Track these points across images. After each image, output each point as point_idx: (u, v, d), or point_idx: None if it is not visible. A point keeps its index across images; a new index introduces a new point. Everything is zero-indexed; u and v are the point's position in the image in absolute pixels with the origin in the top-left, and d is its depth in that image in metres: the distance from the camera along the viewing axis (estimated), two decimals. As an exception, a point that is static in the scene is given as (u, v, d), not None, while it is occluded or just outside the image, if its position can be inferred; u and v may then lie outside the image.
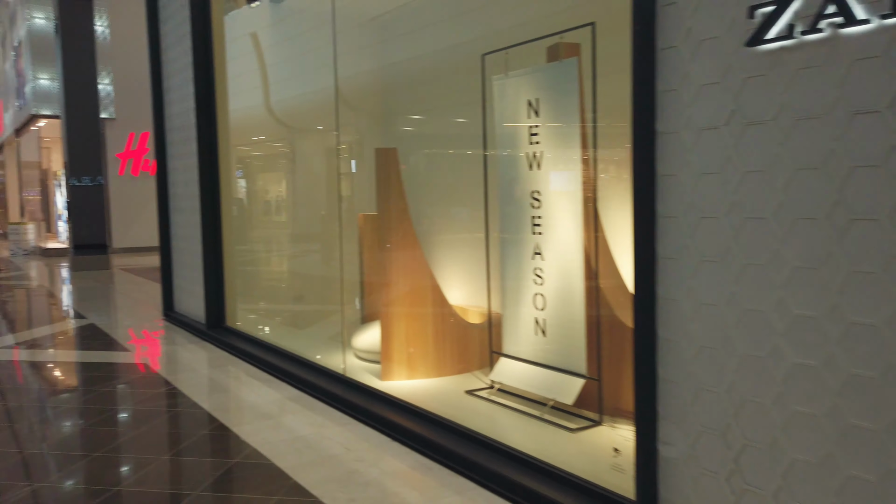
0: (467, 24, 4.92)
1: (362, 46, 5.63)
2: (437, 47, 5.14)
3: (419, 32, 5.29)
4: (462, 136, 5.23)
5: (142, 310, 8.51)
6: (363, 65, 5.60)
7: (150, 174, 17.76)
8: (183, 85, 6.64)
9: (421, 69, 5.34)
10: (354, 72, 5.17)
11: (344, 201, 5.92)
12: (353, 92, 5.18)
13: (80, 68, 13.09)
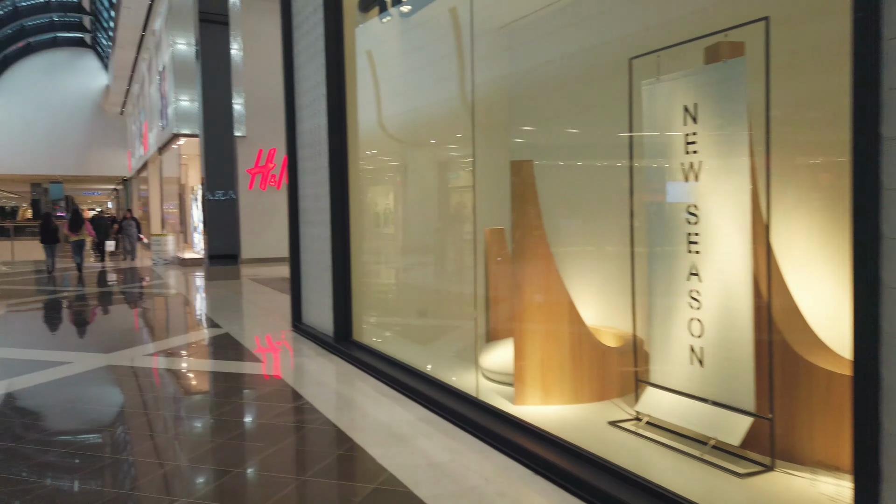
0: (607, 27, 4.64)
1: (492, 55, 5.47)
2: (573, 52, 4.89)
3: (553, 38, 5.06)
4: (599, 145, 4.94)
5: (271, 320, 8.80)
6: (492, 74, 5.43)
7: (276, 188, 18.66)
8: (315, 101, 6.79)
9: (555, 76, 5.10)
10: (483, 80, 5.01)
11: (471, 215, 5.78)
12: (483, 102, 5.03)
13: (217, 89, 13.95)
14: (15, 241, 23.45)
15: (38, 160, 36.38)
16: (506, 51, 5.58)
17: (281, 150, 18.79)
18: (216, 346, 6.97)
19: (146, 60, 25.00)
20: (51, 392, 5.27)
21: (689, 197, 3.53)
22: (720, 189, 3.39)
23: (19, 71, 36.71)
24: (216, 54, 13.95)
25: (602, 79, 4.79)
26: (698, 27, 3.60)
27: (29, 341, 7.68)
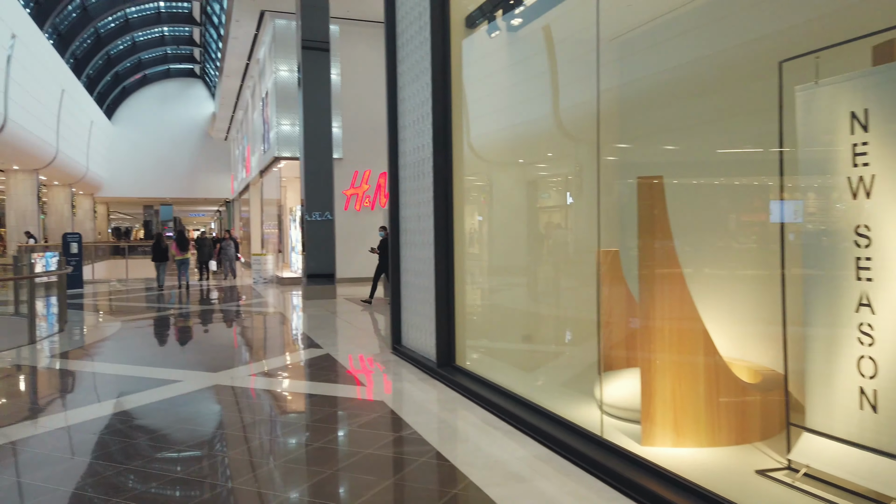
0: (748, 28, 4.22)
1: (607, 65, 5.15)
2: (704, 57, 4.50)
3: (680, 44, 4.69)
4: (732, 159, 4.50)
5: (369, 341, 8.74)
6: (610, 83, 5.11)
7: (371, 209, 18.92)
8: (418, 121, 6.69)
9: (681, 85, 4.72)
10: (605, 88, 4.70)
11: (583, 235, 5.45)
12: (605, 113, 4.72)
13: (317, 114, 14.31)
14: (129, 259, 25.00)
15: (150, 184, 38.90)
16: (621, 60, 5.25)
17: (375, 171, 19.13)
18: (318, 368, 6.93)
19: (250, 88, 26.22)
20: (165, 411, 5.33)
21: (860, 216, 3.07)
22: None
23: (136, 101, 39.57)
24: (317, 80, 14.33)
25: (737, 85, 4.37)
26: (856, 24, 3.17)
27: (141, 357, 7.94)
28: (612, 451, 3.80)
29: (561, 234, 5.95)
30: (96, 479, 3.73)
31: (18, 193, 25.77)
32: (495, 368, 5.77)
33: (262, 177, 23.01)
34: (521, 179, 6.19)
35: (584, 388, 5.07)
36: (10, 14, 17.99)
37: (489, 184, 6.23)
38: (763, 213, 4.30)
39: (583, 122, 5.16)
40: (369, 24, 18.68)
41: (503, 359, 5.95)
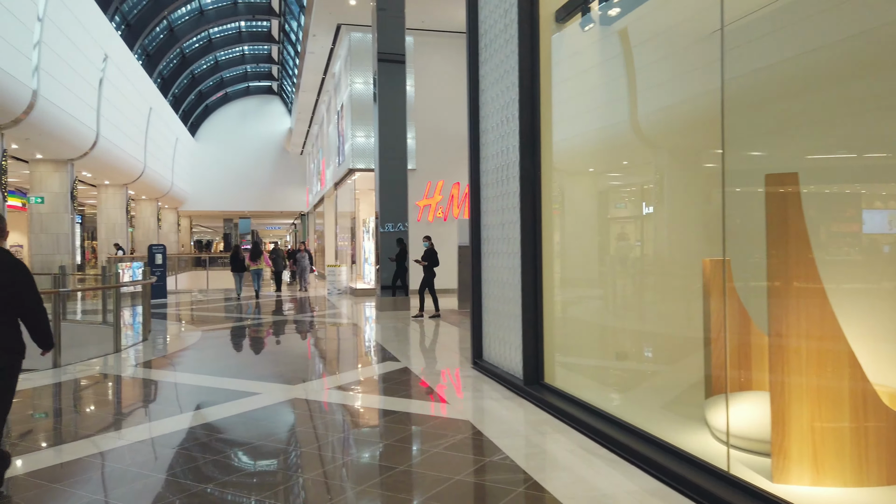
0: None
1: (716, 55, 4.66)
2: (847, 39, 3.95)
3: (815, 25, 4.15)
4: (881, 163, 3.92)
5: (447, 355, 8.42)
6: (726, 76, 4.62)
7: (444, 220, 18.72)
8: (502, 123, 6.35)
9: (813, 72, 4.18)
10: (730, 78, 4.23)
11: (688, 242, 4.94)
12: (730, 107, 4.24)
13: (392, 125, 14.23)
14: (209, 270, 25.78)
15: (230, 198, 40.23)
16: (737, 49, 4.74)
17: (448, 181, 18.96)
18: (396, 383, 6.65)
19: (325, 102, 26.67)
20: (244, 426, 5.16)
21: None
22: None
23: (217, 118, 41.12)
24: (392, 91, 14.27)
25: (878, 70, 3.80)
26: None
27: (220, 368, 7.90)
28: (741, 488, 3.30)
29: (659, 242, 5.46)
30: (175, 499, 3.54)
31: (109, 207, 27.06)
32: (589, 388, 5.31)
33: (336, 189, 23.25)
34: (615, 183, 5.74)
35: (692, 411, 4.56)
36: (104, 36, 18.92)
37: (580, 188, 5.79)
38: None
39: (692, 120, 4.69)
40: (443, 34, 18.59)
41: (598, 377, 5.48)
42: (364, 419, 5.42)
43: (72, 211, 19.57)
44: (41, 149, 17.70)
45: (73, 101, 16.68)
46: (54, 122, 15.65)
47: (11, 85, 12.86)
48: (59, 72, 15.50)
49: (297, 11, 26.04)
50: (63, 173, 19.36)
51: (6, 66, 12.46)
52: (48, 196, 19.16)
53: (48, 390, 6.58)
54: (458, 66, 19.26)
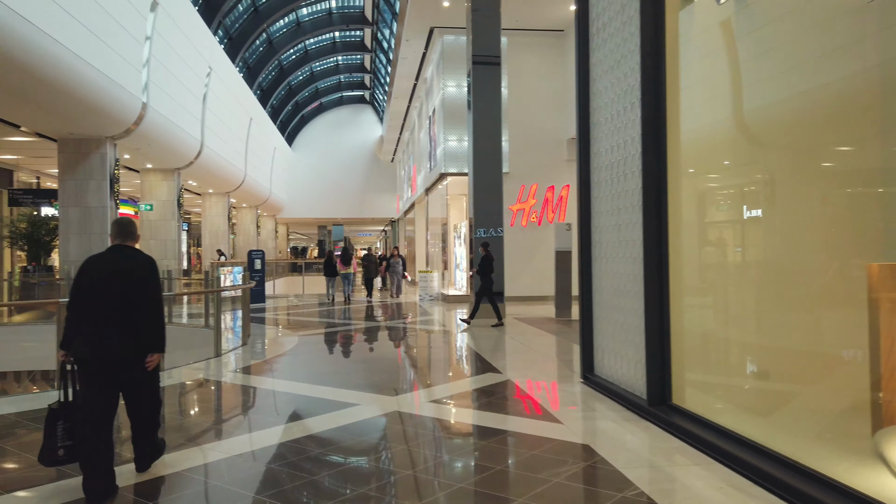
0: None
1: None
2: None
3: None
4: None
5: (551, 367, 7.86)
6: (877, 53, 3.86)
7: (538, 225, 18.11)
8: (620, 114, 5.76)
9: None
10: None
11: (848, 245, 4.19)
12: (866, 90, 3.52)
13: (487, 128, 13.83)
14: (305, 276, 26.32)
15: (324, 205, 41.24)
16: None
17: (543, 185, 18.34)
18: (502, 398, 6.17)
19: (416, 108, 26.70)
20: (344, 442, 4.85)
21: None
22: None
23: (313, 128, 42.32)
24: (487, 94, 13.87)
25: None
26: None
27: (317, 375, 7.71)
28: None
29: (809, 245, 4.70)
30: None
31: (212, 214, 28.23)
32: (727, 411, 4.62)
33: (427, 195, 23.13)
34: (756, 177, 5.02)
35: (856, 443, 3.82)
36: (208, 50, 19.68)
37: (714, 183, 5.10)
38: None
39: (847, 104, 3.95)
40: (537, 33, 18.05)
41: (737, 399, 4.77)
42: (472, 439, 4.97)
43: (178, 218, 20.43)
44: (151, 158, 18.56)
45: (180, 112, 17.38)
46: (162, 133, 16.33)
47: (123, 97, 13.45)
48: (167, 84, 16.17)
49: (389, 19, 26.25)
50: (170, 182, 20.26)
51: (118, 78, 13.04)
52: (157, 204, 20.09)
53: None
54: (552, 66, 18.69)
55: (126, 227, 3.97)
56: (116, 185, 14.86)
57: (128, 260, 3.83)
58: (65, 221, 14.43)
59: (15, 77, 10.54)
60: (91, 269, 3.79)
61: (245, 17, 25.53)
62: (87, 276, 3.75)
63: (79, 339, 3.69)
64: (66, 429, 3.72)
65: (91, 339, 3.66)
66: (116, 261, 3.82)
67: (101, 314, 3.69)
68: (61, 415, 3.74)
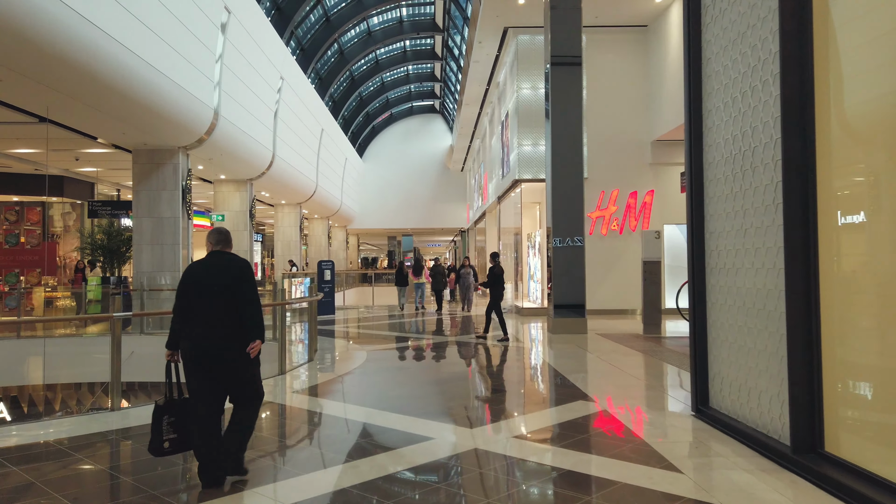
0: None
1: None
2: None
3: None
4: None
5: (650, 394, 6.86)
6: None
7: (619, 233, 16.96)
8: (746, 95, 4.79)
9: None
10: None
11: None
12: None
13: (566, 133, 12.92)
14: (374, 286, 25.97)
15: (394, 216, 41.06)
16: None
17: (624, 190, 17.17)
18: (600, 435, 5.26)
19: (488, 115, 25.98)
20: (420, 489, 4.08)
21: None
22: None
23: (383, 139, 42.31)
24: (566, 96, 12.96)
25: None
26: None
27: (385, 398, 7.01)
28: None
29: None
30: None
31: (284, 225, 28.36)
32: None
33: (499, 203, 22.31)
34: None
35: None
36: (280, 60, 19.61)
37: (880, 175, 4.05)
38: None
39: None
40: (618, 29, 17.00)
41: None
42: (574, 490, 4.09)
43: (250, 228, 20.40)
44: (223, 169, 18.56)
45: (252, 122, 17.29)
46: (234, 142, 16.22)
47: (195, 106, 13.33)
48: (239, 93, 16.06)
49: (460, 24, 25.71)
50: (243, 192, 20.26)
51: (190, 87, 12.91)
52: (229, 215, 20.12)
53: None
54: (634, 64, 17.48)
55: (224, 235, 4.33)
56: (188, 196, 14.78)
57: (228, 264, 4.17)
58: (138, 232, 14.43)
59: (92, 88, 10.47)
60: (196, 274, 4.14)
61: (317, 28, 25.54)
62: (192, 281, 4.11)
63: (186, 339, 4.03)
64: (170, 423, 4.05)
65: (199, 338, 4.00)
66: (218, 265, 4.15)
67: (208, 315, 4.02)
68: (166, 410, 4.06)
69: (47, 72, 9.65)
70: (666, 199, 16.94)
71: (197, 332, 4.00)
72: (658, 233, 12.47)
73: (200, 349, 3.98)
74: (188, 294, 4.08)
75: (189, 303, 4.07)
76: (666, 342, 10.98)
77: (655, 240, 12.37)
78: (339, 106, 33.32)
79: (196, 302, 4.05)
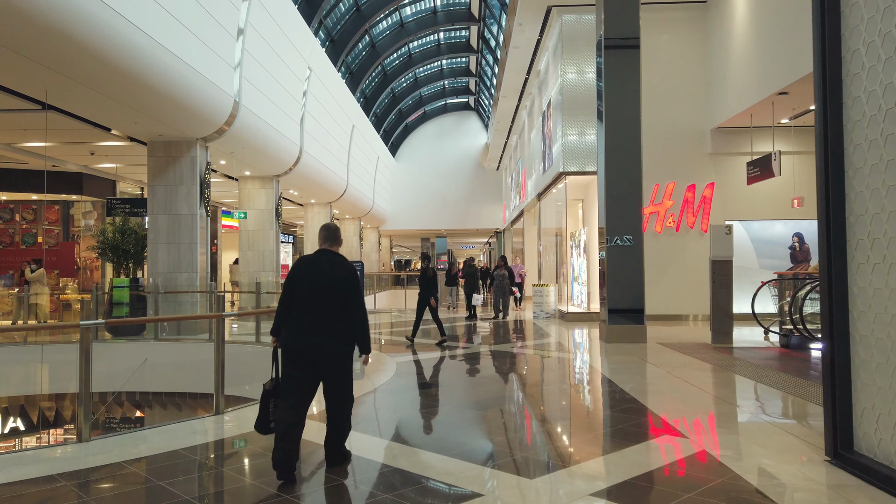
0: None
1: None
2: None
3: None
4: None
5: (759, 430, 5.39)
6: None
7: (675, 231, 15.39)
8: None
9: None
10: None
11: None
12: None
13: (622, 122, 11.46)
14: (407, 289, 24.77)
15: (427, 216, 39.85)
16: None
17: (682, 183, 15.56)
18: (709, 492, 3.85)
19: (527, 108, 24.58)
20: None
21: None
22: None
23: (416, 137, 41.15)
24: (622, 83, 11.48)
25: None
26: None
27: (418, 428, 5.71)
28: None
29: None
30: None
31: (314, 225, 27.35)
32: None
33: (539, 200, 20.87)
34: None
35: None
36: (308, 49, 18.53)
37: None
38: None
39: None
40: (674, 6, 15.46)
41: None
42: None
43: (277, 227, 19.36)
44: (247, 164, 17.54)
45: (277, 113, 16.21)
46: (257, 134, 15.15)
47: (213, 93, 12.25)
48: (262, 82, 14.98)
49: (497, 12, 24.37)
50: (269, 190, 19.23)
51: (208, 73, 11.84)
52: (254, 213, 19.10)
53: (183, 459, 4.78)
54: (691, 45, 15.77)
55: (335, 232, 4.47)
56: (207, 191, 13.73)
57: (338, 263, 4.29)
58: (153, 230, 13.43)
59: (97, 69, 9.44)
60: (305, 268, 4.27)
61: (347, 18, 24.44)
62: (301, 275, 4.23)
63: (288, 330, 4.17)
64: (276, 405, 4.27)
65: (302, 331, 4.13)
66: (328, 263, 4.28)
67: (314, 311, 4.14)
68: (273, 393, 4.30)
69: (47, 51, 8.62)
70: (728, 192, 15.31)
71: (302, 327, 4.14)
72: (729, 227, 10.93)
73: (304, 342, 4.11)
74: (296, 288, 4.21)
75: (294, 296, 4.21)
76: (743, 354, 9.45)
77: (726, 235, 10.83)
78: (370, 102, 32.25)
79: (303, 298, 4.18)
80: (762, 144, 14.64)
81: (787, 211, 14.86)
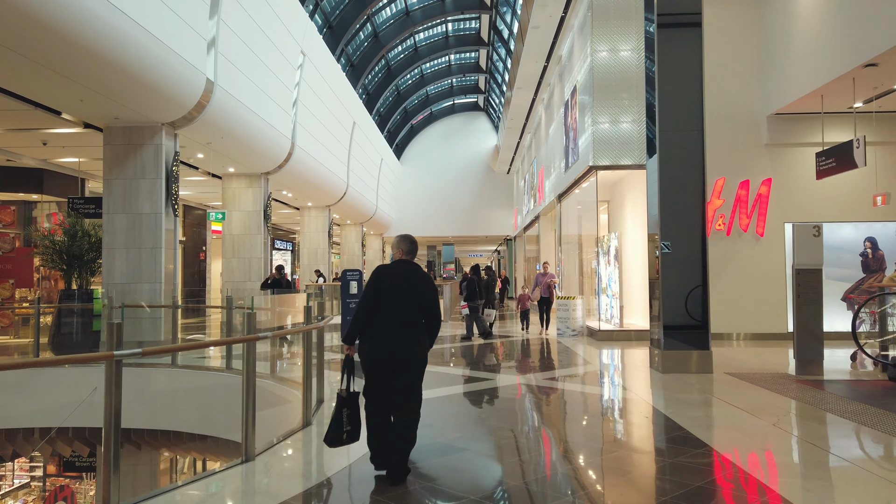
0: None
1: None
2: None
3: None
4: None
5: None
6: None
7: (725, 234, 13.12)
8: None
9: None
10: None
11: None
12: None
13: (680, 112, 9.34)
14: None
15: (433, 223, 37.73)
16: None
17: (733, 179, 13.28)
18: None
19: (544, 101, 22.43)
20: None
21: None
22: None
23: (422, 139, 39.08)
24: (680, 67, 9.36)
25: None
26: None
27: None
28: None
29: None
30: None
31: (311, 231, 25.22)
32: None
33: (560, 201, 18.68)
34: None
35: None
36: (300, 31, 16.43)
37: None
38: None
39: None
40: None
41: None
42: None
43: (265, 231, 17.21)
44: (230, 160, 15.41)
45: (262, 99, 14.08)
46: (237, 122, 13.01)
47: (181, 69, 10.13)
48: (242, 62, 12.85)
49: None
50: (256, 189, 17.10)
51: (173, 43, 9.72)
52: (240, 215, 16.97)
53: None
54: (744, 23, 13.20)
55: (414, 245, 4.65)
56: (175, 186, 11.58)
57: (422, 276, 4.49)
58: (109, 232, 11.29)
59: (44, 39, 7.36)
60: (387, 278, 4.40)
61: (346, 2, 22.36)
62: (384, 285, 4.36)
63: (370, 341, 4.29)
64: (348, 415, 4.37)
65: (387, 340, 4.27)
66: (409, 274, 4.45)
67: (397, 320, 4.30)
68: (347, 402, 4.38)
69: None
70: (789, 189, 13.06)
71: (384, 335, 4.25)
72: (818, 228, 8.70)
73: (385, 350, 4.24)
74: (382, 298, 4.30)
75: (379, 306, 4.30)
76: (846, 392, 7.19)
77: (815, 238, 8.60)
78: (373, 99, 30.14)
79: (385, 305, 4.29)
80: (831, 134, 12.41)
81: (861, 211, 12.63)
